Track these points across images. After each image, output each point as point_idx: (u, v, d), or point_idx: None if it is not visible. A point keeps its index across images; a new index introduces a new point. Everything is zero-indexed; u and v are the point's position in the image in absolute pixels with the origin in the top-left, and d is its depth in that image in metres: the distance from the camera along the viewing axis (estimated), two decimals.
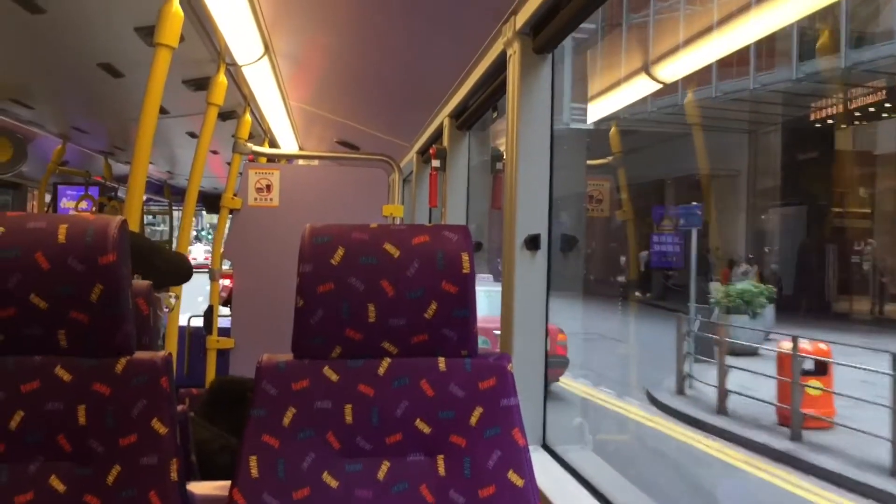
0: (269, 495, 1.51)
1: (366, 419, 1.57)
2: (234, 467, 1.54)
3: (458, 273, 1.56)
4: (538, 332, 2.76)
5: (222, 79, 4.16)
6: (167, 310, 4.63)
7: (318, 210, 4.70)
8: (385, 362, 1.59)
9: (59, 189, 9.22)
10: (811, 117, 19.79)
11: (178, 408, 1.66)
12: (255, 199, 4.84)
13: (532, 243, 2.71)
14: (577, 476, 2.52)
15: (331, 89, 5.26)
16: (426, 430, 1.58)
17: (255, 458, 1.53)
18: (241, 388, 2.60)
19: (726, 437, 9.55)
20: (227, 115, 5.22)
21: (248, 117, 5.24)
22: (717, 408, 10.53)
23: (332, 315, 1.55)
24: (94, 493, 1.49)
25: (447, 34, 3.38)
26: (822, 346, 9.64)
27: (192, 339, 5.45)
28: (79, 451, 1.51)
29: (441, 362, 1.60)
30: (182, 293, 4.67)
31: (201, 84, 4.41)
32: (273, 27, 3.72)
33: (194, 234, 26.70)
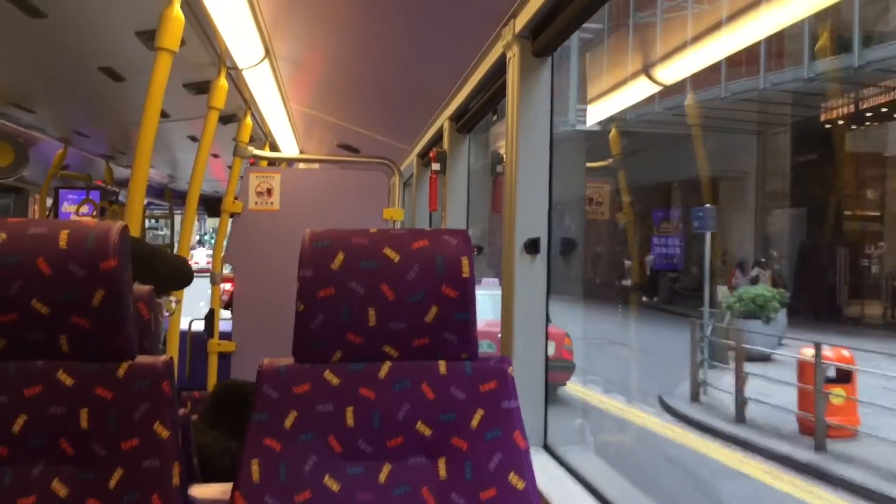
0: (270, 498, 1.51)
1: (367, 422, 1.57)
2: (236, 471, 1.55)
3: (458, 277, 1.57)
4: (538, 334, 2.76)
5: (223, 82, 4.17)
6: (168, 314, 4.64)
7: (319, 213, 4.71)
8: (386, 366, 1.60)
9: (61, 193, 9.23)
10: (821, 118, 19.46)
11: (180, 411, 1.67)
12: (256, 203, 4.85)
13: (532, 247, 2.71)
14: (578, 478, 2.52)
15: (331, 92, 5.27)
16: (427, 432, 1.58)
17: (256, 461, 1.54)
18: (244, 391, 2.60)
19: (747, 447, 9.24)
20: (227, 119, 5.22)
21: (248, 121, 5.25)
22: (735, 416, 10.20)
23: (333, 319, 1.56)
24: (96, 496, 1.50)
25: (447, 37, 3.38)
26: (845, 353, 9.35)
27: (194, 343, 5.45)
28: (81, 455, 1.52)
29: (442, 365, 1.61)
30: (184, 297, 4.68)
31: (202, 88, 4.41)
32: (273, 31, 3.73)
33: (197, 238, 26.67)
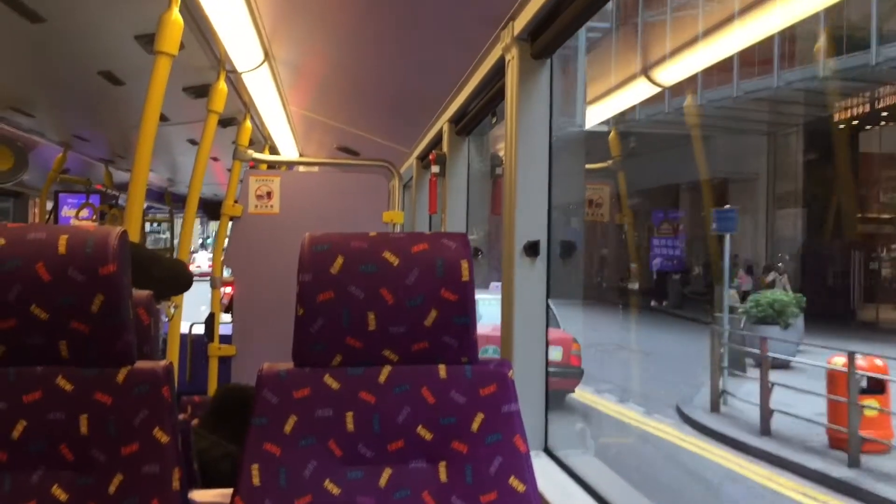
0: (270, 503, 1.51)
1: (367, 426, 1.57)
2: (236, 475, 1.55)
3: (458, 281, 1.57)
4: (539, 337, 2.76)
5: (222, 86, 4.17)
6: (166, 319, 4.64)
7: (319, 216, 4.71)
8: (386, 370, 1.60)
9: (61, 197, 9.25)
10: (835, 117, 19.12)
11: (180, 416, 1.67)
12: (256, 206, 4.85)
13: (531, 250, 2.71)
14: (579, 481, 2.52)
15: (331, 95, 5.27)
16: (427, 436, 1.58)
17: (256, 466, 1.53)
18: (245, 395, 2.60)
19: (775, 462, 8.79)
20: (227, 122, 5.23)
21: (248, 124, 5.25)
22: (760, 428, 9.74)
23: (333, 323, 1.56)
24: (96, 502, 1.50)
25: (446, 40, 3.39)
26: (878, 363, 8.90)
27: (194, 347, 5.45)
28: (81, 461, 1.52)
29: (441, 369, 1.61)
30: (184, 301, 4.67)
31: (201, 91, 4.41)
32: (273, 34, 3.73)
33: (200, 241, 26.65)
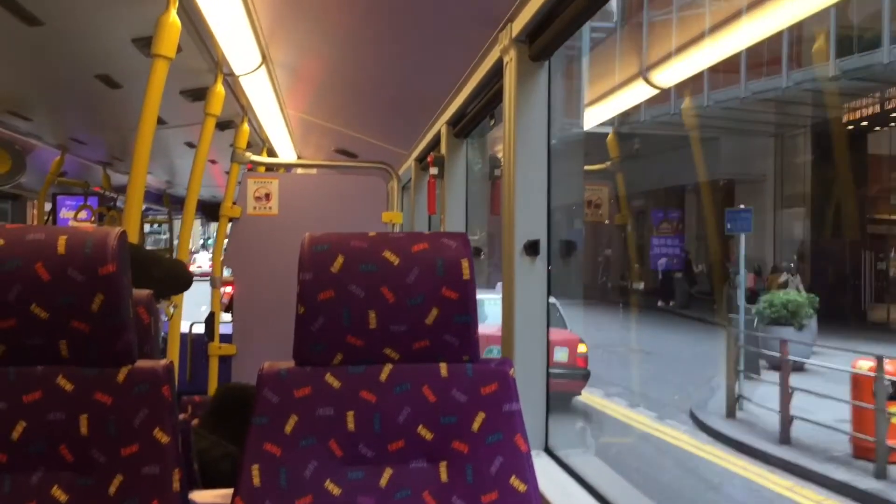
0: (271, 503, 1.51)
1: (368, 426, 1.57)
2: (236, 475, 1.54)
3: (459, 279, 1.57)
4: (539, 336, 2.76)
5: (220, 89, 4.17)
6: (166, 318, 4.63)
7: (318, 218, 4.71)
8: (387, 368, 1.60)
9: (59, 199, 9.24)
10: (844, 118, 18.89)
11: (180, 416, 1.67)
12: (255, 208, 4.85)
13: (531, 249, 2.72)
14: (580, 481, 2.52)
15: (328, 98, 5.27)
16: (428, 436, 1.58)
17: (256, 466, 1.53)
18: (245, 395, 2.60)
19: (797, 472, 8.40)
20: (225, 125, 5.23)
21: (245, 127, 5.25)
22: (779, 436, 9.35)
23: (333, 322, 1.56)
24: (96, 503, 1.50)
25: (444, 42, 3.39)
26: None
27: (194, 346, 5.45)
28: (81, 462, 1.51)
29: (443, 368, 1.61)
30: (184, 301, 4.67)
31: (199, 94, 4.42)
32: (270, 37, 3.73)
33: (201, 242, 26.62)
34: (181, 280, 3.18)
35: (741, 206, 15.68)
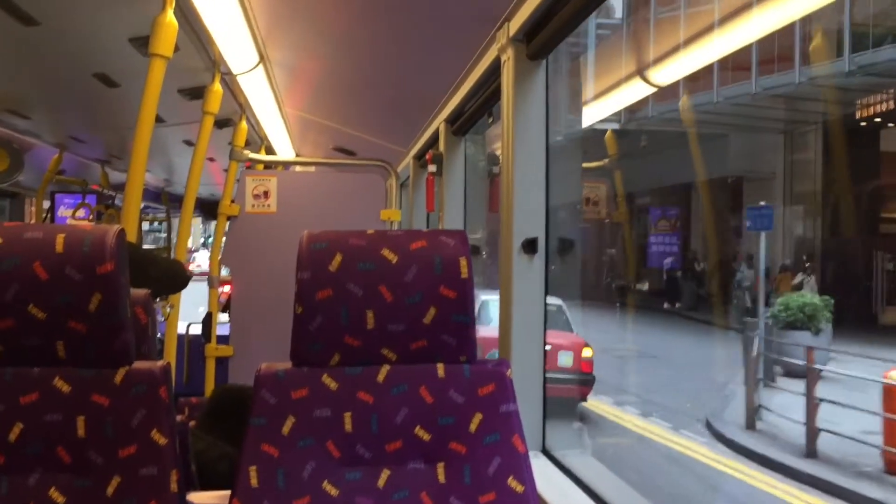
0: None
1: (365, 427, 1.57)
2: (234, 476, 1.54)
3: (457, 278, 1.56)
4: (537, 336, 2.76)
5: (217, 87, 4.17)
6: (162, 319, 4.63)
7: (316, 216, 4.71)
8: (384, 369, 1.59)
9: (57, 197, 9.23)
10: (856, 115, 18.31)
11: (178, 417, 1.66)
12: (253, 206, 4.85)
13: (529, 247, 2.71)
14: (577, 481, 2.52)
15: (326, 96, 5.27)
16: (426, 437, 1.58)
17: (254, 467, 1.53)
18: (242, 396, 2.60)
19: (826, 489, 7.93)
20: (223, 123, 5.22)
21: (244, 125, 5.25)
22: (805, 449, 8.82)
23: (331, 322, 1.55)
24: None
25: (442, 41, 3.39)
26: None
27: (192, 347, 5.44)
28: (78, 463, 1.51)
29: (440, 368, 1.60)
30: (182, 302, 4.67)
31: (197, 93, 4.41)
32: (268, 36, 3.73)
33: (202, 241, 26.58)
34: (178, 279, 3.18)
35: (761, 202, 15.10)
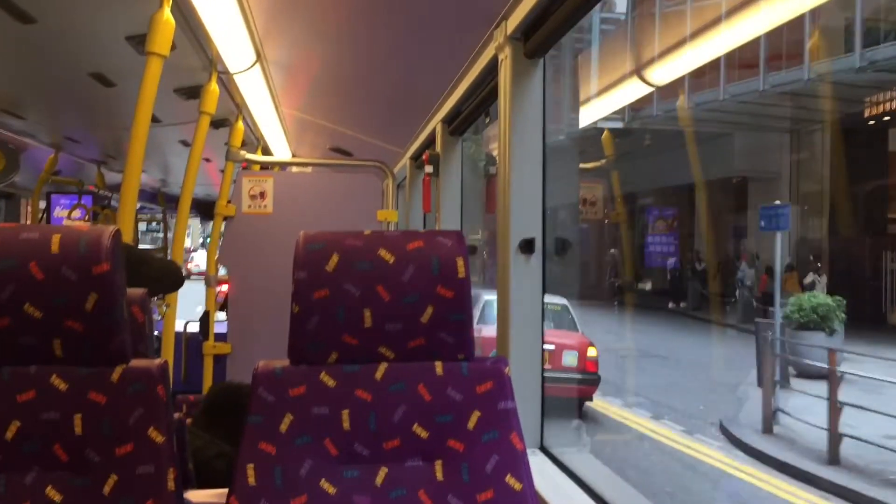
0: (266, 503, 1.51)
1: (363, 425, 1.57)
2: (231, 474, 1.54)
3: (454, 278, 1.57)
4: (535, 334, 2.76)
5: (214, 87, 4.17)
6: (159, 317, 4.62)
7: (313, 216, 4.71)
8: (382, 367, 1.59)
9: (53, 198, 9.22)
10: (865, 113, 18.01)
11: (175, 415, 1.66)
12: (249, 206, 4.85)
13: (527, 247, 2.72)
14: (575, 479, 2.52)
15: (323, 96, 5.27)
16: (424, 434, 1.58)
17: (252, 465, 1.53)
18: (238, 393, 2.59)
19: (853, 499, 7.56)
20: (219, 123, 5.22)
21: (240, 125, 5.25)
22: (827, 455, 8.46)
23: (328, 321, 1.55)
24: (90, 503, 1.49)
25: (438, 40, 3.39)
26: None
27: (189, 345, 5.44)
28: (75, 461, 1.51)
29: (438, 366, 1.60)
30: (181, 301, 4.67)
31: (193, 92, 4.41)
32: (265, 35, 3.73)
33: (201, 241, 26.57)
34: (172, 279, 3.18)
35: (776, 201, 14.73)
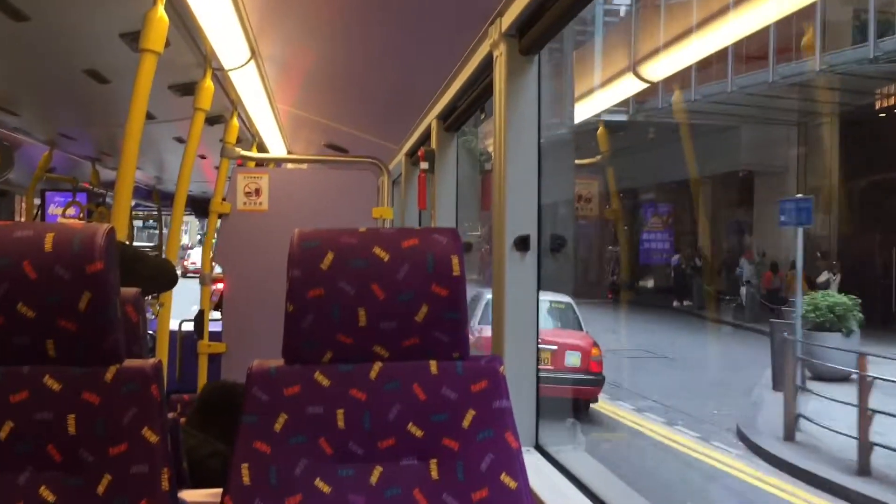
0: (261, 502, 1.50)
1: (358, 424, 1.56)
2: (225, 474, 1.54)
3: (449, 276, 1.56)
4: (530, 333, 2.76)
5: (209, 83, 4.15)
6: (153, 316, 4.61)
7: (308, 213, 4.70)
8: (377, 366, 1.59)
9: (47, 195, 9.20)
10: (876, 105, 17.61)
11: (170, 415, 1.66)
12: (245, 204, 4.84)
13: (522, 244, 2.71)
14: (570, 477, 2.52)
15: (318, 93, 5.26)
16: (419, 433, 1.57)
17: (246, 465, 1.52)
18: (233, 392, 2.59)
19: None
20: (214, 120, 5.20)
21: (235, 122, 5.23)
22: (857, 465, 7.96)
23: (323, 319, 1.55)
24: (84, 503, 1.48)
25: (433, 36, 3.38)
26: None
27: (184, 344, 5.43)
28: (69, 461, 1.50)
29: (433, 365, 1.60)
30: (176, 300, 4.66)
31: (188, 89, 4.39)
32: (259, 31, 3.72)
33: (198, 238, 26.53)
34: (165, 278, 3.17)
35: (796, 197, 14.12)
